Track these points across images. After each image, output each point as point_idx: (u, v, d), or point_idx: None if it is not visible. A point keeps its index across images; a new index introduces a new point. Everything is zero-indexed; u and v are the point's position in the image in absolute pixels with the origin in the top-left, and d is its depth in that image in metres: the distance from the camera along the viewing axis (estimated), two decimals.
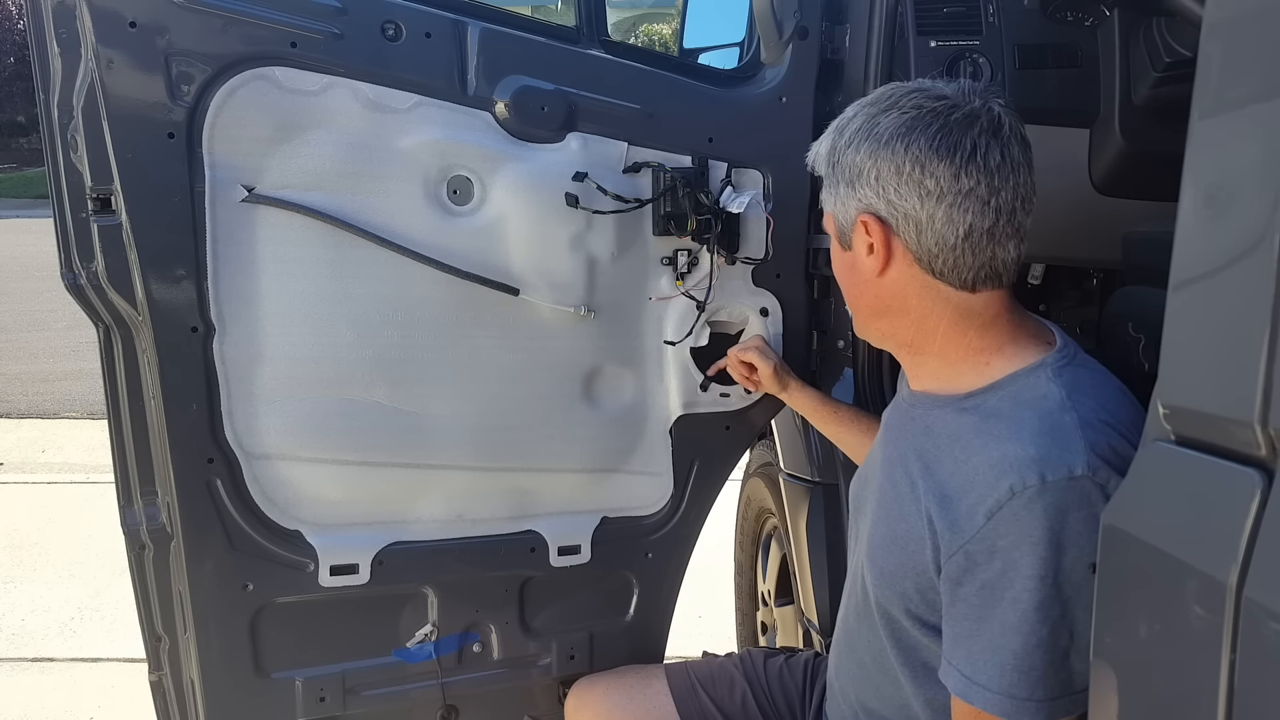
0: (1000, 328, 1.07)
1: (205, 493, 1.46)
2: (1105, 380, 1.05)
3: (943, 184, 1.00)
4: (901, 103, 1.03)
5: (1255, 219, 0.64)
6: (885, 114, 1.03)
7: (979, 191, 1.00)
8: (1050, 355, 1.05)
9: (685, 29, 2.84)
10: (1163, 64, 1.48)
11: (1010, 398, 1.03)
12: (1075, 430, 0.96)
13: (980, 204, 1.00)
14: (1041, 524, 0.93)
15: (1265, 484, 0.63)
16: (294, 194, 1.41)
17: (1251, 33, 0.68)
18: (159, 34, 1.31)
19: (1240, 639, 0.63)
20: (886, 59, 1.57)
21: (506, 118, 1.48)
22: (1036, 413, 0.99)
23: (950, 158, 0.99)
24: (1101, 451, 0.94)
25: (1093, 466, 0.93)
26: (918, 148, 1.00)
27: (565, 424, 1.61)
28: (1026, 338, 1.08)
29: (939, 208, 1.01)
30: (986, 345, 1.07)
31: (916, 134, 1.00)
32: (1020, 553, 0.94)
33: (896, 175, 1.01)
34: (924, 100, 1.02)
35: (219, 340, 1.41)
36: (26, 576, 3.64)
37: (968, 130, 0.99)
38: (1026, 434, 0.97)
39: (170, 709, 1.69)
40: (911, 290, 1.07)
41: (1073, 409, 0.98)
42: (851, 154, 1.05)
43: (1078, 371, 1.03)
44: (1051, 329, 1.11)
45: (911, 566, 1.05)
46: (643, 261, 1.60)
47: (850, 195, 1.06)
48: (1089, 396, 1.00)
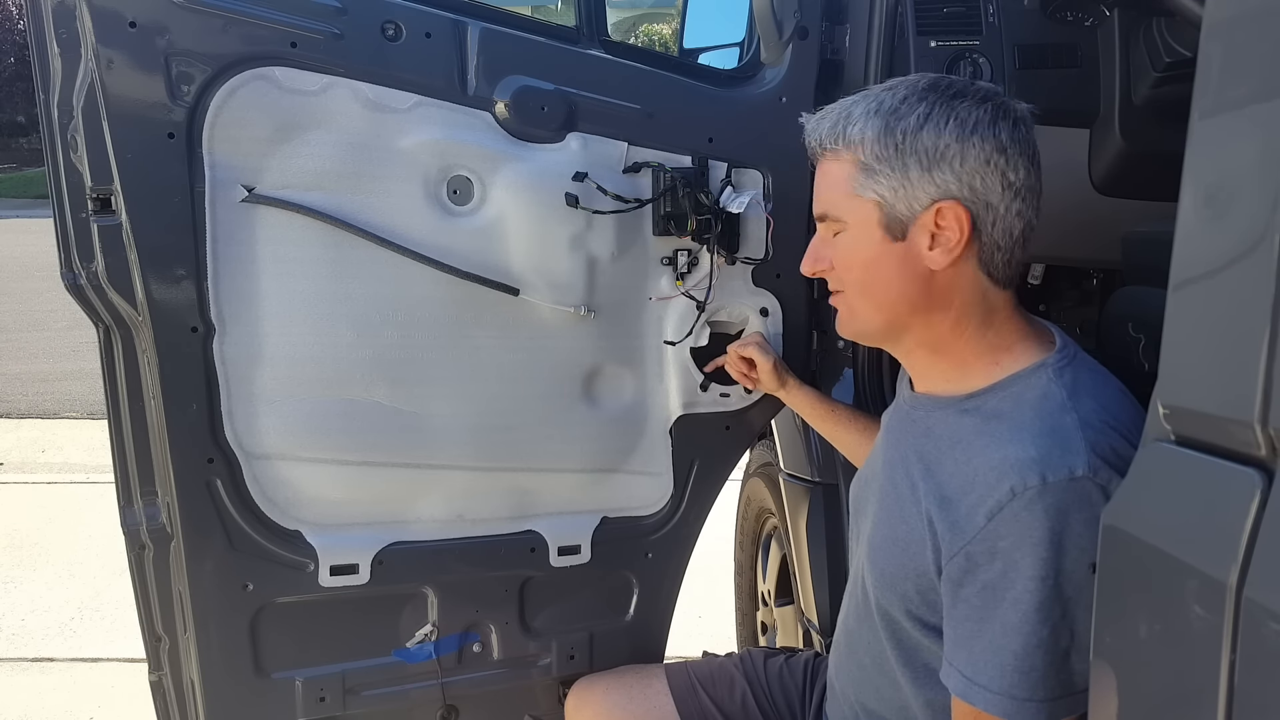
0: (1012, 326, 1.09)
1: (205, 493, 1.46)
2: (1105, 381, 1.05)
3: (1021, 177, 1.02)
4: (968, 92, 1.03)
5: (1255, 219, 0.64)
6: (959, 100, 1.01)
7: (1038, 188, 1.04)
8: (1051, 355, 1.05)
9: (685, 29, 2.84)
10: (1163, 64, 1.48)
11: (1012, 398, 1.03)
12: (1076, 431, 0.96)
13: (1038, 201, 1.04)
14: (1042, 525, 0.93)
15: (1265, 484, 0.63)
16: (294, 194, 1.41)
17: (1251, 33, 0.68)
18: (159, 34, 1.30)
19: (1240, 639, 0.63)
20: (886, 59, 1.57)
21: (506, 118, 1.48)
22: (1038, 413, 0.99)
23: (1028, 152, 1.02)
24: (1102, 452, 0.94)
25: (1093, 467, 0.93)
26: (1006, 137, 1.01)
27: (565, 424, 1.61)
28: (1032, 337, 1.09)
29: (1015, 201, 1.02)
30: (1000, 343, 1.08)
31: (999, 125, 1.01)
32: (1021, 553, 0.93)
33: (986, 163, 1.00)
34: (987, 93, 1.03)
35: (219, 340, 1.41)
36: (26, 576, 3.64)
37: (1028, 131, 1.03)
38: (1028, 435, 0.97)
39: (170, 709, 1.69)
40: (961, 284, 1.05)
41: (1074, 409, 0.98)
42: (931, 137, 1.00)
43: (1079, 372, 1.03)
44: (1051, 329, 1.11)
45: (913, 568, 1.05)
46: (643, 261, 1.60)
47: (925, 180, 1.01)
48: (1090, 397, 1.00)
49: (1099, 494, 0.92)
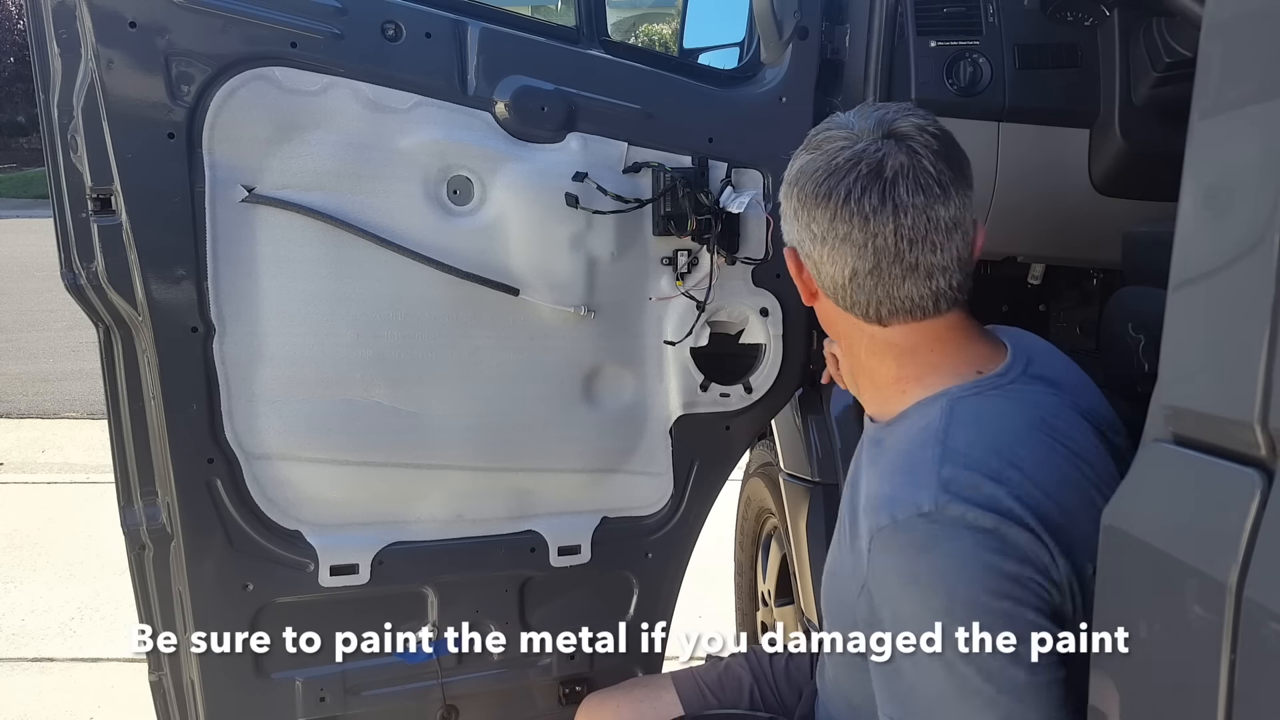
0: (920, 358, 1.05)
1: (205, 493, 1.46)
2: (1016, 413, 1.00)
3: (823, 228, 1.01)
4: (813, 140, 1.04)
5: (1255, 219, 0.64)
6: (801, 152, 1.05)
7: (854, 236, 0.99)
8: (962, 384, 1.02)
9: (685, 29, 2.84)
10: (1163, 64, 1.48)
11: (903, 429, 1.02)
12: (933, 464, 0.93)
13: (856, 248, 1.00)
14: (900, 565, 0.92)
15: (1265, 484, 0.63)
16: (294, 194, 1.41)
17: (1251, 33, 0.68)
18: (159, 34, 1.31)
19: (1240, 639, 0.63)
20: (886, 59, 1.57)
21: (506, 118, 1.48)
22: (907, 447, 0.98)
23: (825, 204, 1.00)
24: (955, 485, 0.91)
25: (939, 503, 0.90)
26: (804, 192, 1.02)
27: (565, 424, 1.61)
28: (957, 365, 1.04)
29: (823, 249, 1.02)
30: (904, 375, 1.06)
31: (805, 178, 1.02)
32: (893, 596, 0.93)
33: (795, 216, 1.05)
34: (827, 139, 1.02)
35: (219, 340, 1.41)
36: (26, 576, 3.64)
37: (845, 176, 0.99)
38: (889, 470, 0.97)
39: (170, 709, 1.69)
40: (834, 317, 1.10)
41: (942, 442, 0.95)
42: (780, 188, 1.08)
43: (983, 403, 1.00)
44: (1008, 353, 1.06)
45: (849, 603, 1.03)
46: (643, 261, 1.60)
47: (785, 226, 1.09)
48: (972, 428, 0.97)
49: (952, 529, 0.89)
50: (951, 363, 1.05)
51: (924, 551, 0.91)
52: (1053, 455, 0.97)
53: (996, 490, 0.90)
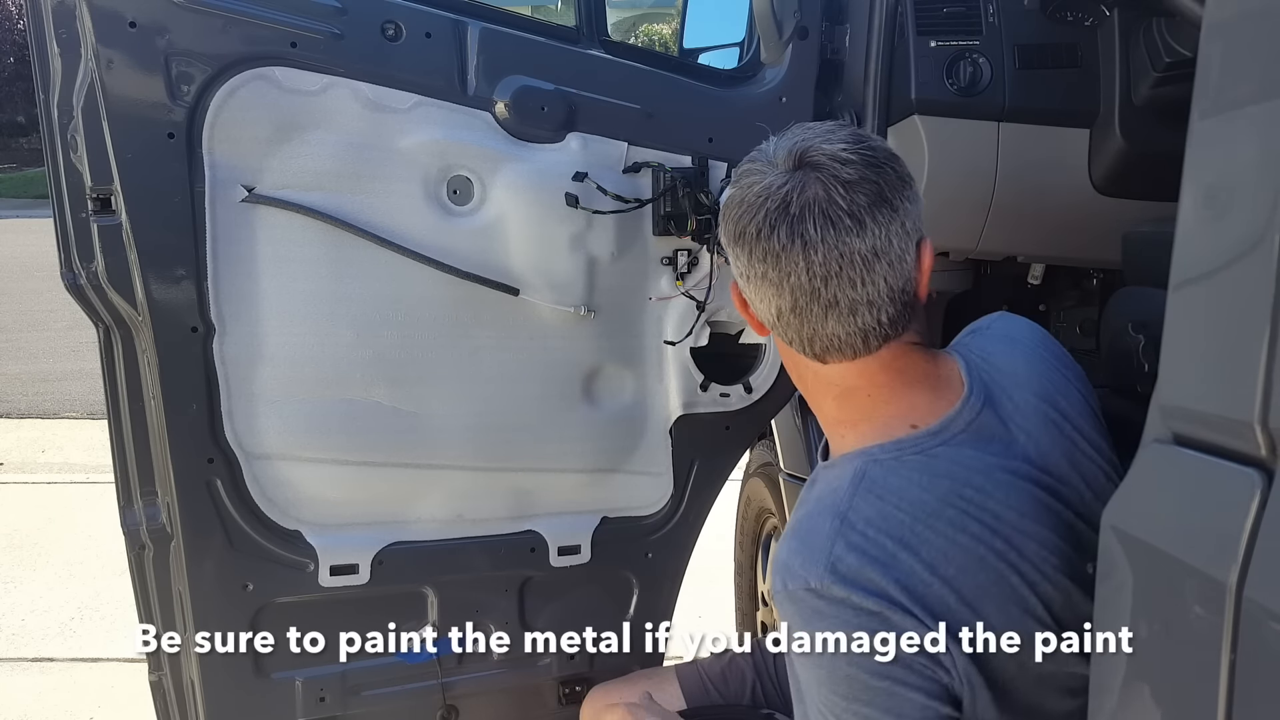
0: (857, 402, 1.02)
1: (205, 493, 1.46)
2: (927, 485, 0.96)
3: (744, 266, 1.00)
4: (738, 172, 1.03)
5: (1255, 219, 0.64)
6: (729, 185, 1.04)
7: (770, 275, 0.97)
8: (884, 444, 0.98)
9: (685, 29, 2.84)
10: (1163, 64, 1.48)
11: (824, 482, 1.01)
12: (827, 540, 0.93)
13: (774, 286, 0.98)
14: (794, 626, 0.93)
15: (1265, 484, 0.63)
16: (294, 194, 1.41)
17: (1251, 33, 0.68)
18: (159, 34, 1.30)
19: (1240, 639, 0.63)
20: (886, 59, 1.57)
21: (506, 118, 1.48)
22: (814, 509, 0.98)
23: (742, 242, 0.99)
24: (842, 567, 0.91)
25: (824, 582, 0.91)
26: (726, 231, 1.02)
27: (565, 424, 1.61)
28: (889, 419, 1.00)
29: (749, 286, 1.01)
30: (842, 418, 1.04)
31: (727, 214, 1.01)
32: (793, 654, 0.95)
33: (729, 251, 1.03)
34: (746, 171, 1.01)
35: (219, 340, 1.41)
36: (26, 576, 3.65)
37: (755, 214, 0.97)
38: (792, 530, 0.98)
39: (170, 709, 1.69)
40: (783, 350, 1.07)
41: (845, 513, 0.94)
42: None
43: (900, 470, 0.96)
44: (961, 391, 1.01)
45: None
46: (643, 261, 1.60)
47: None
48: (876, 503, 0.94)
49: (835, 608, 0.90)
50: (884, 414, 1.01)
51: (809, 624, 0.92)
52: (959, 534, 0.93)
53: (881, 577, 0.90)
